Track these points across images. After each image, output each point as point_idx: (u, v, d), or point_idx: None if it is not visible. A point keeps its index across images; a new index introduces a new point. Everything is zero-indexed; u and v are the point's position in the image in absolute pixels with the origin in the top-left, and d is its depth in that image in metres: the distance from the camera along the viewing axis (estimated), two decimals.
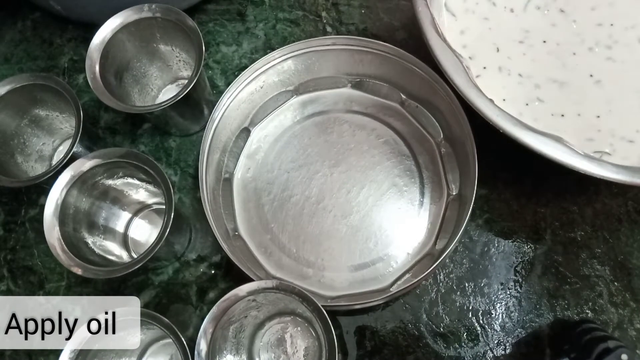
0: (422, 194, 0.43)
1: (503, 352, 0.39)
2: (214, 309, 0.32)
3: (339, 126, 0.46)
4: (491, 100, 0.35)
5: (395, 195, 0.43)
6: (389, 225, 0.42)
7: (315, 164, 0.44)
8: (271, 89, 0.46)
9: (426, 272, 0.36)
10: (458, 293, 0.40)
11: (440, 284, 0.41)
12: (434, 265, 0.36)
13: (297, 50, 0.44)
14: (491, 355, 0.39)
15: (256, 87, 0.45)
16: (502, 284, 0.40)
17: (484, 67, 0.41)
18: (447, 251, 0.37)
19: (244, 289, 0.33)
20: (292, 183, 0.44)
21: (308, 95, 0.47)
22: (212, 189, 0.42)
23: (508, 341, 0.39)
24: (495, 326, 0.39)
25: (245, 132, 0.46)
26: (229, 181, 0.44)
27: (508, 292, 0.40)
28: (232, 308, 0.33)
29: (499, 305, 0.40)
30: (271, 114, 0.47)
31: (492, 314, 0.40)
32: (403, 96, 0.45)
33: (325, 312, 0.32)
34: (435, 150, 0.44)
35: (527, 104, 0.39)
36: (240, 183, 0.44)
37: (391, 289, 0.39)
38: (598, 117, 0.38)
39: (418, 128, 0.45)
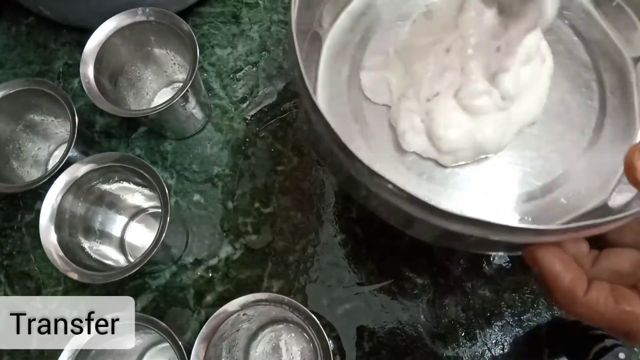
0: (599, 124, 0.32)
1: (501, 352, 0.39)
2: (204, 329, 0.31)
3: None
4: None
5: (559, 116, 0.32)
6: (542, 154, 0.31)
7: None
8: None
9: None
10: (456, 293, 0.40)
11: (438, 285, 0.41)
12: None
13: None
14: (489, 355, 0.39)
15: None
16: (501, 282, 0.41)
17: None
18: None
19: (234, 303, 0.32)
20: None
21: None
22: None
23: (506, 340, 0.39)
24: (492, 326, 0.39)
25: None
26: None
27: (506, 291, 0.40)
28: (223, 325, 0.32)
29: (496, 304, 0.40)
30: None
31: (490, 313, 0.40)
32: None
33: (317, 320, 0.31)
34: (629, 71, 0.33)
35: None
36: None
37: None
38: None
39: (608, 35, 0.34)
